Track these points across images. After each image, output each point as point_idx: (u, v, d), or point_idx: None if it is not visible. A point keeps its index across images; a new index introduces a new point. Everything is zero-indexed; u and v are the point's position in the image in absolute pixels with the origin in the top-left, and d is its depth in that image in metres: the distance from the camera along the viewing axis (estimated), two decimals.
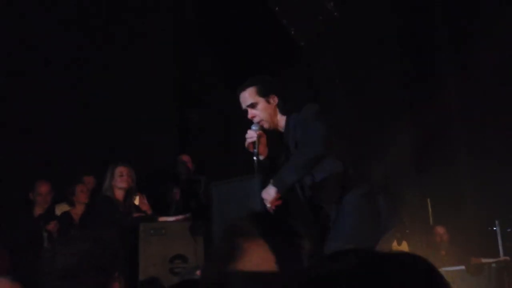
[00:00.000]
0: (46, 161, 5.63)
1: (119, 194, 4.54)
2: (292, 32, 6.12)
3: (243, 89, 3.04)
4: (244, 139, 3.04)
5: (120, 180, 4.52)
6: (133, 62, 6.35)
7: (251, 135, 2.95)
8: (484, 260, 5.55)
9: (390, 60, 7.32)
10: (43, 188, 4.95)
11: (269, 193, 2.84)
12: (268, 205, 2.85)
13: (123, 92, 6.26)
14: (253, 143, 2.95)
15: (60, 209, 5.04)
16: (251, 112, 3.01)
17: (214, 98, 6.93)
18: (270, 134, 3.08)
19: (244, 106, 3.05)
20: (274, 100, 3.01)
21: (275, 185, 2.83)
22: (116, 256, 1.74)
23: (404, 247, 5.98)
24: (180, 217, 4.56)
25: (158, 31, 6.73)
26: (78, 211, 5.00)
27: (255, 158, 2.94)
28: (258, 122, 2.99)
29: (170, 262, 4.20)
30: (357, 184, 2.93)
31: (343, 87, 6.79)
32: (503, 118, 6.46)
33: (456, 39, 7.12)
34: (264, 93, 3.00)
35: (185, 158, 5.80)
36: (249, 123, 3.12)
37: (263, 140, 3.00)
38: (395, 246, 6.02)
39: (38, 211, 4.91)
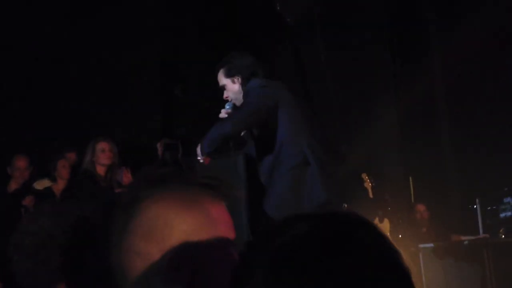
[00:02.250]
0: (27, 136, 5.55)
1: (101, 170, 4.47)
2: (278, 8, 6.05)
3: (216, 71, 3.27)
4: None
5: (102, 157, 4.44)
6: (117, 37, 6.24)
7: (222, 115, 3.19)
8: (463, 238, 5.64)
9: (376, 38, 7.30)
10: (21, 163, 4.86)
11: (198, 153, 3.14)
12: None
13: (107, 67, 6.17)
14: None
15: (41, 184, 4.97)
16: (224, 93, 3.25)
17: (199, 73, 6.86)
18: None
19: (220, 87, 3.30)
20: (238, 80, 3.19)
21: (201, 144, 3.12)
22: (79, 233, 1.62)
23: (386, 224, 6.05)
24: None
25: (143, 6, 6.61)
26: (60, 186, 4.94)
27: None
28: (231, 101, 3.21)
29: None
30: (287, 157, 3.07)
31: (329, 64, 6.76)
32: (486, 98, 6.51)
33: (443, 17, 7.11)
34: (229, 74, 3.20)
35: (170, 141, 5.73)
36: None
37: None
38: (377, 224, 6.08)
39: (14, 186, 4.83)
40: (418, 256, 5.32)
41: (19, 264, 1.58)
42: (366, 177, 5.98)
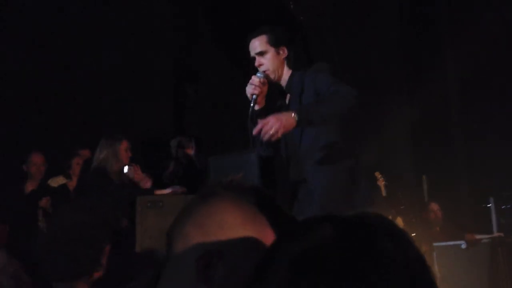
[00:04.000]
0: (41, 134, 5.60)
1: (118, 168, 4.49)
2: (291, 7, 6.06)
3: (254, 36, 2.95)
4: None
5: (126, 156, 4.49)
6: (131, 36, 6.28)
7: (255, 81, 2.85)
8: (478, 236, 5.61)
9: (388, 37, 7.28)
10: (37, 159, 4.89)
11: (286, 120, 2.52)
12: (272, 131, 2.50)
13: (120, 65, 6.21)
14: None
15: (56, 182, 5.01)
16: (258, 60, 2.92)
17: (211, 73, 6.89)
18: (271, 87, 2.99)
19: (252, 53, 2.96)
20: (284, 52, 2.94)
21: (298, 114, 2.55)
22: (107, 228, 1.71)
23: (399, 223, 6.02)
24: (177, 188, 4.54)
25: (157, 6, 6.64)
26: (74, 183, 4.98)
27: (252, 105, 2.84)
28: (264, 71, 2.91)
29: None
30: (343, 157, 2.89)
31: (341, 63, 6.74)
32: (499, 96, 6.47)
33: (456, 18, 7.08)
34: (275, 43, 2.92)
35: (183, 139, 5.75)
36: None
37: (264, 89, 2.90)
38: None
39: (31, 185, 4.84)
40: (432, 255, 5.30)
41: (49, 256, 1.62)
42: (379, 176, 5.97)
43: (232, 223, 0.88)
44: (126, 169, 4.57)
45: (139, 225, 4.12)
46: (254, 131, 2.57)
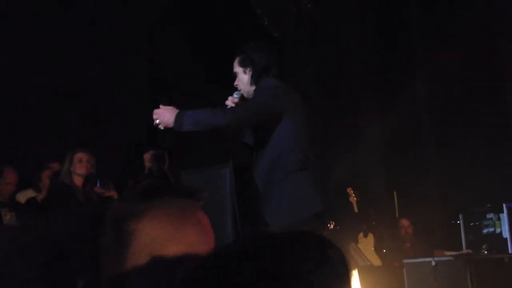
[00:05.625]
0: (10, 146, 5.49)
1: (78, 181, 4.39)
2: (266, 23, 6.10)
3: (234, 57, 3.23)
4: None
5: (79, 166, 4.37)
6: (104, 47, 6.24)
7: (228, 101, 3.14)
8: (447, 253, 5.67)
9: (362, 54, 7.37)
10: (13, 177, 4.70)
11: (166, 117, 2.95)
12: (156, 122, 2.99)
13: (93, 76, 6.15)
14: None
15: (25, 195, 4.90)
16: (236, 80, 3.21)
17: (185, 85, 6.87)
18: None
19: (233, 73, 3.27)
20: (249, 72, 3.16)
21: (181, 116, 2.93)
22: (44, 244, 1.71)
23: (370, 239, 6.06)
24: None
25: (132, 16, 6.61)
26: (43, 196, 4.87)
27: None
28: (239, 91, 3.18)
29: None
30: (286, 163, 3.02)
31: (315, 78, 6.81)
32: (469, 114, 6.59)
33: (427, 34, 7.21)
34: (242, 64, 3.17)
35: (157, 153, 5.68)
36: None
37: None
38: (361, 238, 6.09)
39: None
40: (402, 271, 5.34)
41: None
42: (351, 192, 6.01)
43: (179, 234, 0.88)
44: (98, 183, 4.49)
45: None
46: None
